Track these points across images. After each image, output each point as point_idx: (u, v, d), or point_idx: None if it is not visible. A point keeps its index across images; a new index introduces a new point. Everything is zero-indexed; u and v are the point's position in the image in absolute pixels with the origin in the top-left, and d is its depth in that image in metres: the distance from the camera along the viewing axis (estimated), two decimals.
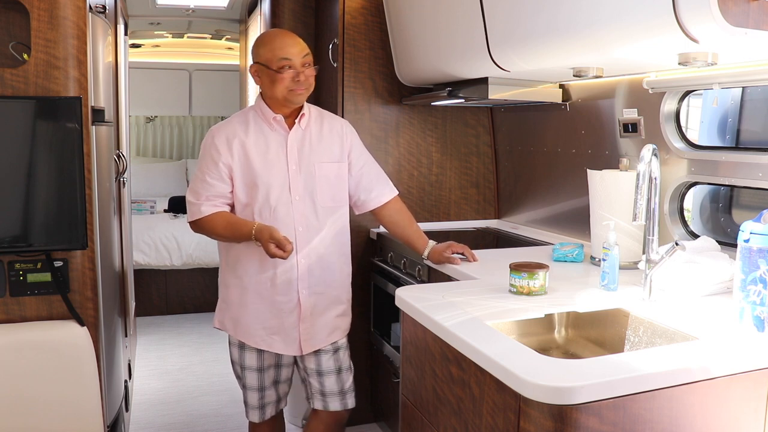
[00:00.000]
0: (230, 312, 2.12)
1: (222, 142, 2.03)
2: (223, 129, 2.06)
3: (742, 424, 1.32)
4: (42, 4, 1.99)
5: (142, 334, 4.49)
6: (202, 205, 2.02)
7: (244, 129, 2.05)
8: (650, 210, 1.71)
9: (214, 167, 2.02)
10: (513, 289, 1.76)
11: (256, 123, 2.06)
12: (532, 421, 1.20)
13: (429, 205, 3.12)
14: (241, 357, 2.14)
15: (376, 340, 2.87)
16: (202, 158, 2.05)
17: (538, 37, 1.92)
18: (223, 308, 2.15)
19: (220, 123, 2.10)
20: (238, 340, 2.12)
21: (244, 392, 2.19)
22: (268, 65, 1.99)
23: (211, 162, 2.02)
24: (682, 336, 1.49)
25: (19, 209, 2.00)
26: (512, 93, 2.48)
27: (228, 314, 2.13)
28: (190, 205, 2.06)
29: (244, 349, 2.12)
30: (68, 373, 2.08)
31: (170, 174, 6.37)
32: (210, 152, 2.03)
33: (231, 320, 2.12)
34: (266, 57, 2.00)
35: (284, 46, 1.99)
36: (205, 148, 2.05)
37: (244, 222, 2.01)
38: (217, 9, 4.78)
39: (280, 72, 1.97)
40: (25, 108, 2.00)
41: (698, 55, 1.57)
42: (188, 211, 2.07)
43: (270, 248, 1.90)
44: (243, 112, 2.12)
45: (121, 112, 3.38)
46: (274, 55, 1.99)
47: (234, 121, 2.08)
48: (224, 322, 2.15)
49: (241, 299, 2.09)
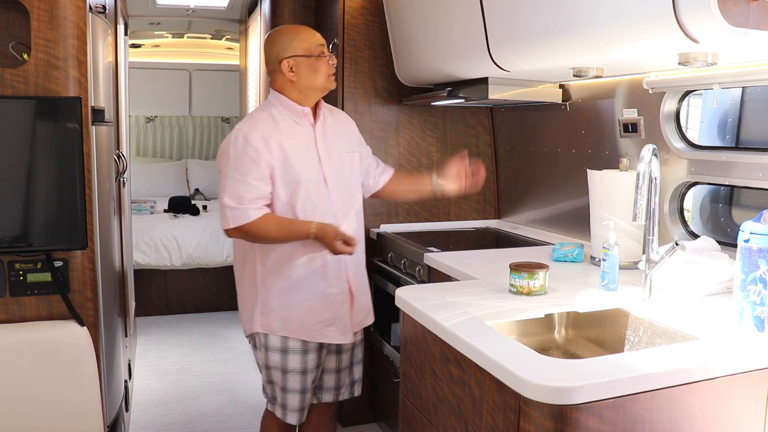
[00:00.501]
0: (277, 313, 2.08)
1: (259, 141, 1.97)
2: (256, 128, 2.00)
3: (742, 424, 1.32)
4: (42, 4, 1.99)
5: (142, 334, 4.49)
6: (248, 210, 1.96)
7: (275, 126, 2.02)
8: (650, 210, 1.71)
9: (255, 168, 1.96)
10: (513, 289, 1.76)
11: (282, 119, 2.04)
12: (532, 421, 1.20)
13: (429, 205, 3.11)
14: (283, 361, 2.09)
15: (376, 340, 2.87)
16: (238, 160, 1.97)
17: (537, 37, 1.92)
18: (265, 311, 2.09)
19: (245, 122, 2.04)
20: (281, 344, 2.08)
21: (282, 396, 2.13)
22: (309, 54, 2.00)
23: (251, 163, 1.96)
24: (682, 336, 1.49)
25: (19, 209, 2.00)
26: (512, 93, 2.48)
27: (274, 315, 2.08)
28: (230, 210, 1.97)
29: (286, 353, 2.09)
30: (68, 373, 2.08)
31: (170, 174, 6.37)
32: (248, 153, 1.96)
33: (279, 320, 2.08)
34: (304, 47, 2.00)
35: (315, 35, 2.04)
36: (240, 149, 1.97)
37: (298, 222, 2.01)
38: (217, 9, 4.78)
39: (321, 57, 2.01)
40: (25, 108, 1.99)
41: (698, 55, 1.57)
42: (229, 216, 1.98)
43: (337, 246, 1.94)
44: (263, 110, 2.08)
45: (121, 112, 3.38)
46: (311, 43, 2.01)
47: (261, 119, 2.04)
48: (270, 324, 2.08)
49: (290, 298, 2.07)
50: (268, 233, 1.99)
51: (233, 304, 5.18)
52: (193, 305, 5.05)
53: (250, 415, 3.24)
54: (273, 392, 2.15)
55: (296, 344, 2.10)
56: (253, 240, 2.04)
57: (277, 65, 2.03)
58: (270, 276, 2.08)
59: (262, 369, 2.17)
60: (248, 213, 1.96)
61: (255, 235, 2.00)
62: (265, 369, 2.15)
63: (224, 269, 5.01)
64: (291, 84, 2.04)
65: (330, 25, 3.11)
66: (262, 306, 2.10)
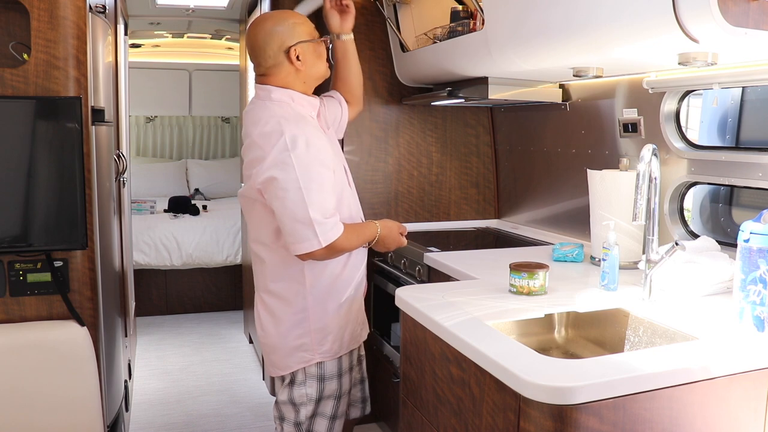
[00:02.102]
0: (335, 334, 1.92)
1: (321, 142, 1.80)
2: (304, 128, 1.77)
3: (742, 424, 1.32)
4: (42, 4, 1.99)
5: (142, 334, 4.49)
6: (336, 222, 1.75)
7: (314, 126, 1.86)
8: (650, 210, 1.71)
9: (328, 173, 1.77)
10: (513, 289, 1.76)
11: (310, 117, 1.89)
12: (532, 421, 1.20)
13: (429, 205, 3.12)
14: (340, 385, 1.95)
15: (376, 340, 2.87)
16: (310, 167, 1.72)
17: (537, 36, 1.92)
18: (320, 339, 1.91)
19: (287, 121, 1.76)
20: (338, 367, 1.94)
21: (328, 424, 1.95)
22: (313, 38, 1.88)
23: (322, 168, 1.75)
24: (682, 336, 1.49)
25: (19, 209, 2.00)
26: (512, 93, 2.48)
27: (332, 338, 1.91)
28: (319, 225, 1.71)
29: (341, 375, 1.96)
30: (68, 373, 2.08)
31: (170, 174, 6.37)
32: (316, 157, 1.74)
33: (337, 342, 1.93)
34: (307, 31, 1.87)
35: (306, 18, 1.92)
36: (303, 154, 1.72)
37: (363, 225, 1.90)
38: (217, 9, 4.78)
39: (321, 40, 1.90)
40: (25, 108, 1.99)
41: (698, 55, 1.57)
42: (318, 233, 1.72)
43: (402, 239, 1.93)
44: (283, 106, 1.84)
45: (121, 112, 3.38)
46: (310, 26, 1.89)
47: (296, 118, 1.80)
48: (329, 350, 1.92)
49: (343, 312, 1.93)
50: (352, 243, 1.82)
51: (233, 304, 5.22)
52: (193, 305, 5.05)
53: (250, 415, 3.25)
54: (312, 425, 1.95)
55: (347, 361, 1.98)
56: (334, 255, 1.82)
57: (282, 56, 1.83)
58: (324, 296, 1.90)
59: (305, 405, 1.93)
60: (338, 226, 1.75)
61: (341, 249, 1.79)
62: (314, 403, 1.93)
63: (224, 269, 5.01)
64: (296, 75, 1.85)
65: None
66: (317, 334, 1.90)
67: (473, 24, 2.32)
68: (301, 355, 1.92)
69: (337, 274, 1.92)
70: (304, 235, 1.72)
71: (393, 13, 2.85)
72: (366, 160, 2.97)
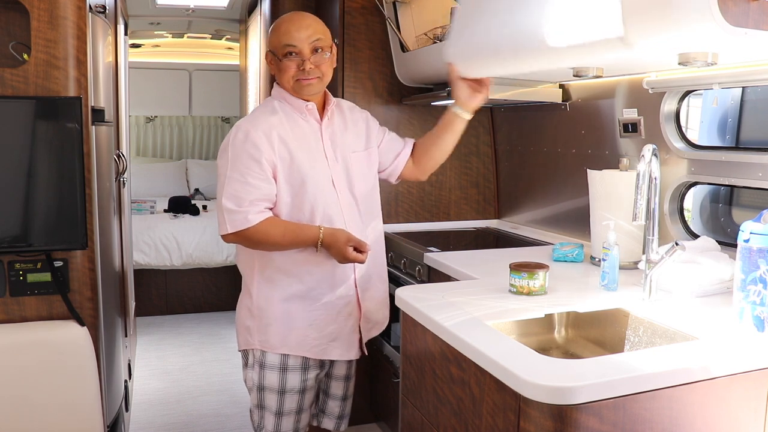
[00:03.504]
0: (276, 328, 1.92)
1: (260, 137, 1.81)
2: (257, 122, 1.84)
3: (742, 424, 1.32)
4: (42, 4, 1.99)
5: (142, 334, 4.49)
6: (249, 213, 1.79)
7: (278, 121, 1.86)
8: (650, 210, 1.71)
9: (256, 166, 1.80)
10: (513, 289, 1.76)
11: (286, 114, 1.89)
12: (532, 421, 1.20)
13: (429, 205, 3.12)
14: (281, 380, 1.93)
15: (376, 340, 2.87)
16: (237, 158, 1.81)
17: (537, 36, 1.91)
18: (261, 327, 1.93)
19: (247, 118, 1.89)
20: (280, 362, 1.93)
21: (275, 422, 1.96)
22: (275, 53, 1.86)
23: (251, 161, 1.80)
24: (682, 336, 1.49)
25: (19, 209, 2.00)
26: (512, 93, 2.48)
27: (273, 331, 1.92)
28: (229, 213, 1.80)
29: (286, 371, 1.93)
30: (68, 373, 2.08)
31: (170, 174, 6.37)
32: (247, 150, 1.80)
33: (278, 336, 1.92)
34: (273, 43, 1.86)
35: (289, 32, 1.82)
36: (239, 146, 1.81)
37: (305, 226, 1.85)
38: (217, 9, 4.79)
39: (283, 60, 1.84)
40: (25, 108, 1.99)
41: (698, 55, 1.56)
42: (226, 220, 1.81)
43: (349, 253, 1.80)
44: (267, 104, 1.93)
45: (121, 112, 3.38)
46: (279, 41, 1.84)
47: (263, 113, 1.89)
48: (269, 341, 1.93)
49: (291, 311, 1.91)
50: (272, 239, 1.83)
51: (233, 304, 5.18)
52: (193, 305, 5.05)
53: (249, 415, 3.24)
54: (262, 420, 1.98)
55: (296, 361, 1.94)
56: (254, 246, 1.88)
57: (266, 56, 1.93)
58: (269, 286, 1.93)
59: (252, 390, 1.99)
60: (249, 217, 1.79)
61: (256, 240, 1.84)
62: (257, 390, 1.97)
63: (224, 269, 5.01)
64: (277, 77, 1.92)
65: (330, 25, 3.10)
66: (260, 320, 1.94)
67: None
68: (246, 337, 1.98)
69: (286, 270, 1.90)
70: (219, 219, 1.85)
71: (393, 13, 2.85)
72: None
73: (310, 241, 1.83)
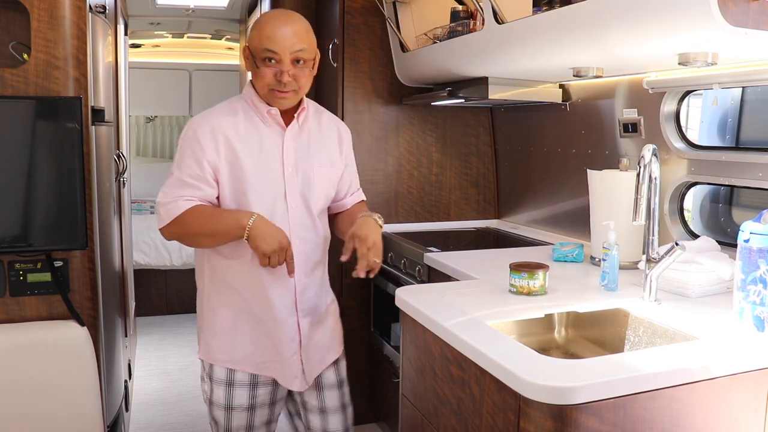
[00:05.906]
0: (221, 340, 1.80)
1: (206, 135, 1.68)
2: (206, 120, 1.71)
3: (742, 424, 1.32)
4: (42, 4, 1.99)
5: (142, 334, 4.49)
6: (179, 200, 1.67)
7: (232, 122, 1.71)
8: (650, 210, 1.71)
9: (196, 166, 1.67)
10: (513, 289, 1.76)
11: (246, 115, 1.73)
12: (532, 421, 1.20)
13: (429, 205, 3.12)
14: (228, 396, 1.80)
15: (376, 340, 2.87)
16: (182, 156, 1.69)
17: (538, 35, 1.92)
18: (207, 338, 1.82)
19: (202, 113, 1.75)
20: (226, 376, 1.80)
21: None
22: (254, 54, 1.68)
23: (191, 160, 1.68)
24: (682, 336, 1.49)
25: (19, 209, 2.00)
26: (512, 93, 2.48)
27: (218, 343, 1.80)
28: (160, 207, 1.69)
29: (233, 386, 1.80)
30: (68, 373, 2.08)
31: None
32: (191, 148, 1.68)
33: (223, 349, 1.80)
34: (254, 44, 1.67)
35: (273, 36, 1.64)
36: (185, 143, 1.70)
37: (233, 211, 1.68)
38: (217, 9, 4.78)
39: (260, 66, 1.67)
40: (25, 108, 1.99)
41: (698, 55, 1.57)
42: (161, 213, 1.69)
43: (274, 257, 1.62)
44: (230, 102, 1.78)
45: (121, 112, 3.38)
46: (261, 44, 1.65)
47: (220, 112, 1.74)
48: (213, 353, 1.81)
49: (235, 324, 1.79)
50: (195, 226, 1.67)
51: None
52: (193, 305, 4.98)
53: None
54: None
55: (244, 377, 1.80)
56: (185, 240, 1.73)
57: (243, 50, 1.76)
58: (214, 297, 1.80)
59: (206, 403, 1.87)
60: (179, 204, 1.66)
61: (183, 231, 1.69)
62: (208, 404, 1.85)
63: None
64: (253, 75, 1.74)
65: (330, 25, 3.11)
66: (207, 331, 1.82)
67: (473, 24, 2.32)
68: (200, 346, 1.87)
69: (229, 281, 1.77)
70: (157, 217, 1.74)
71: (393, 13, 2.85)
72: (366, 160, 2.97)
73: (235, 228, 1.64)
